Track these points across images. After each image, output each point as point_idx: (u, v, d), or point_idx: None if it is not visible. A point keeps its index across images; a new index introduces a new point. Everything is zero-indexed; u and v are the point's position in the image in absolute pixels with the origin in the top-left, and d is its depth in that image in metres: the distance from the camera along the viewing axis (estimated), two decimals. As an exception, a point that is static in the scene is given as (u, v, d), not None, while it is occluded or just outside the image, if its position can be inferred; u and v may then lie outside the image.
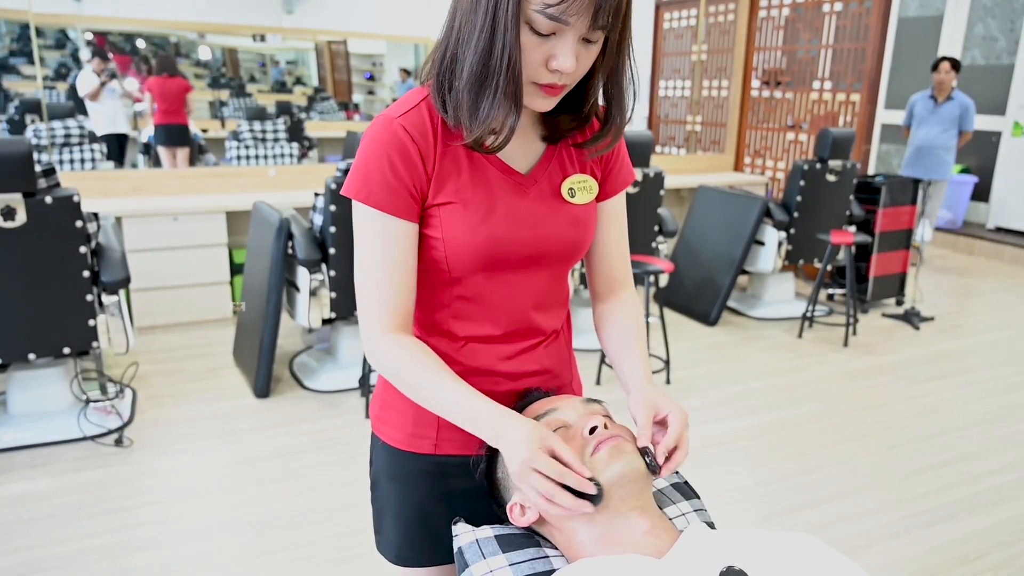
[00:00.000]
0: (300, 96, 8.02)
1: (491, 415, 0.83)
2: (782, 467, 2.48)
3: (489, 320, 0.94)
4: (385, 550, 1.05)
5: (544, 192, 0.92)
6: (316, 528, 2.07)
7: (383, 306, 0.88)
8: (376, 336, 0.88)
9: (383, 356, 0.88)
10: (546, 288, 0.96)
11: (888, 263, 4.25)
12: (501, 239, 0.88)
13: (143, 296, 3.55)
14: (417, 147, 0.85)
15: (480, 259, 0.89)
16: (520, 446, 0.79)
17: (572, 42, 0.77)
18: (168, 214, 3.50)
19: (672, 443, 0.85)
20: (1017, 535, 2.11)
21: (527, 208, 0.90)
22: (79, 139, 4.49)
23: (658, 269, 3.04)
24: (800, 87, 4.95)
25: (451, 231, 0.87)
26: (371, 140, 0.85)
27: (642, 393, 0.90)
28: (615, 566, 0.78)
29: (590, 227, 0.96)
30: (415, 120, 0.86)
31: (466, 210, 0.87)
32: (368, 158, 0.85)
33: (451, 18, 0.83)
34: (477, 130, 0.82)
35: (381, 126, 0.85)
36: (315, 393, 2.98)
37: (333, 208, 2.78)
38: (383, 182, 0.84)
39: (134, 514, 2.12)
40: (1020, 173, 6.00)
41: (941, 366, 3.43)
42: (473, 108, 0.81)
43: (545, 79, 0.80)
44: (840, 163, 3.95)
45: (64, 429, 2.52)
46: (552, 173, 0.93)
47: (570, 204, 0.93)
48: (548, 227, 0.91)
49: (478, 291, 0.92)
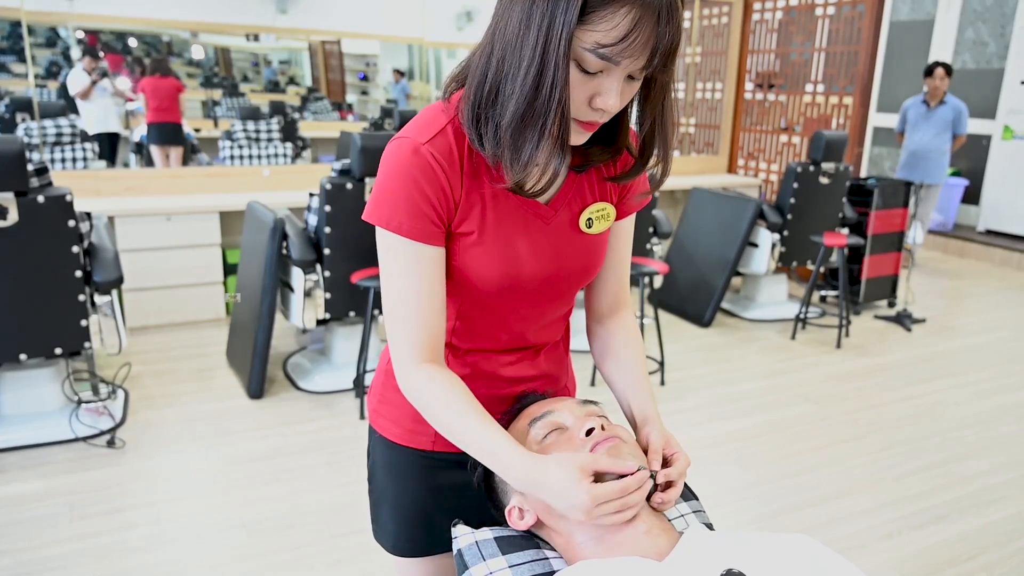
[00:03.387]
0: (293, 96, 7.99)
1: (523, 470, 0.79)
2: (775, 468, 2.48)
3: (491, 337, 0.94)
4: (382, 539, 1.05)
5: (563, 224, 0.89)
6: (310, 529, 2.06)
7: (415, 337, 0.85)
8: (408, 368, 0.86)
9: (415, 389, 0.86)
10: (552, 310, 0.96)
11: (880, 265, 4.27)
12: (517, 273, 0.87)
13: (136, 296, 3.53)
14: (446, 175, 0.81)
15: (493, 288, 0.88)
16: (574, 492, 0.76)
17: (619, 81, 0.74)
18: (161, 214, 3.48)
19: (674, 477, 0.85)
20: (1009, 535, 2.12)
21: (545, 241, 0.88)
22: (71, 138, 4.46)
23: (653, 271, 3.04)
24: (793, 90, 4.97)
25: (468, 263, 0.86)
26: (397, 166, 0.81)
27: (658, 427, 0.91)
28: (615, 568, 0.78)
29: (602, 254, 0.95)
30: (442, 146, 0.81)
31: (485, 245, 0.85)
32: (394, 184, 0.81)
33: (490, 45, 0.77)
34: (520, 172, 0.79)
35: (408, 152, 0.81)
36: (309, 394, 2.96)
37: (328, 208, 2.77)
38: (412, 210, 0.81)
39: (127, 515, 2.10)
40: (1010, 176, 6.05)
41: (933, 368, 3.45)
42: (515, 148, 0.77)
43: (587, 116, 0.77)
44: (833, 165, 3.97)
45: (56, 430, 2.50)
46: (572, 202, 0.90)
47: (586, 235, 0.91)
48: (563, 258, 0.90)
49: (484, 313, 0.92)
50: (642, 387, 0.96)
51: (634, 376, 0.97)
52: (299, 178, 4.15)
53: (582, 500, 0.75)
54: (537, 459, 0.79)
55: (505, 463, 0.80)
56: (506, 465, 0.80)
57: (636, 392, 0.95)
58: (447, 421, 0.84)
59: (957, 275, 5.34)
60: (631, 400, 0.96)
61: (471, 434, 0.82)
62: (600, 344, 1.02)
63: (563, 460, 0.78)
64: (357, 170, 2.77)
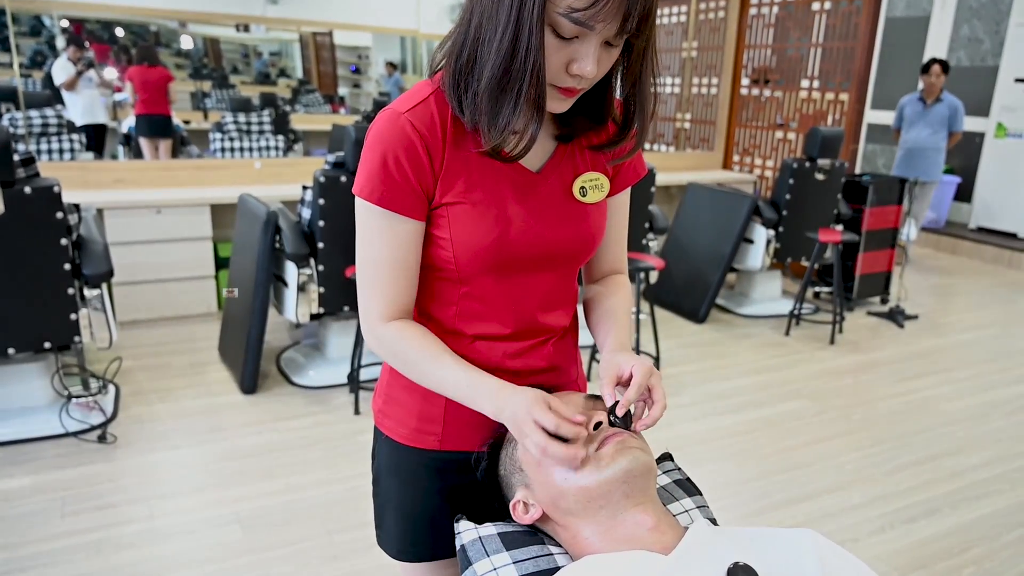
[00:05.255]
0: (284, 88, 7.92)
1: (492, 388, 0.84)
2: (769, 463, 2.49)
3: (497, 319, 0.92)
4: (386, 545, 1.03)
5: (555, 191, 0.89)
6: (305, 525, 2.04)
7: (385, 301, 0.88)
8: (376, 324, 0.88)
9: (382, 339, 0.88)
10: (555, 288, 0.95)
11: (874, 262, 4.29)
12: (511, 242, 0.86)
13: (126, 290, 3.48)
14: (425, 144, 0.82)
15: (489, 261, 0.87)
16: (520, 405, 0.80)
17: (595, 47, 0.75)
18: (151, 206, 3.44)
19: (634, 395, 0.83)
20: (999, 529, 2.15)
21: (537, 208, 0.88)
22: (57, 129, 4.39)
23: (649, 266, 3.03)
24: (789, 86, 4.97)
25: (459, 233, 0.85)
26: (376, 136, 0.83)
27: (606, 357, 0.89)
28: (621, 563, 0.77)
29: (602, 226, 0.94)
30: (423, 115, 0.83)
31: (475, 211, 0.85)
32: (373, 155, 0.83)
33: (468, 14, 0.79)
34: (496, 137, 0.80)
35: (387, 121, 0.82)
36: (303, 389, 2.94)
37: (322, 202, 2.74)
38: (388, 180, 0.82)
39: (119, 511, 2.07)
40: (1003, 174, 6.09)
41: (925, 364, 3.47)
42: (492, 113, 0.78)
43: (564, 82, 0.78)
44: (829, 162, 3.97)
45: (45, 425, 2.46)
46: (563, 171, 0.90)
47: (581, 203, 0.91)
48: (558, 227, 0.89)
49: (486, 291, 0.90)
50: (610, 322, 0.96)
51: (601, 313, 0.98)
52: (291, 171, 4.11)
53: (525, 406, 0.80)
54: (510, 385, 0.84)
55: (482, 391, 0.84)
56: (482, 394, 0.84)
57: (604, 327, 0.96)
58: (416, 360, 0.86)
59: (949, 272, 5.38)
60: (599, 336, 0.97)
61: (442, 369, 0.85)
62: (587, 299, 1.03)
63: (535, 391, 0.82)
64: (351, 163, 2.74)
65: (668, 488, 1.02)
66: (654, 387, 0.85)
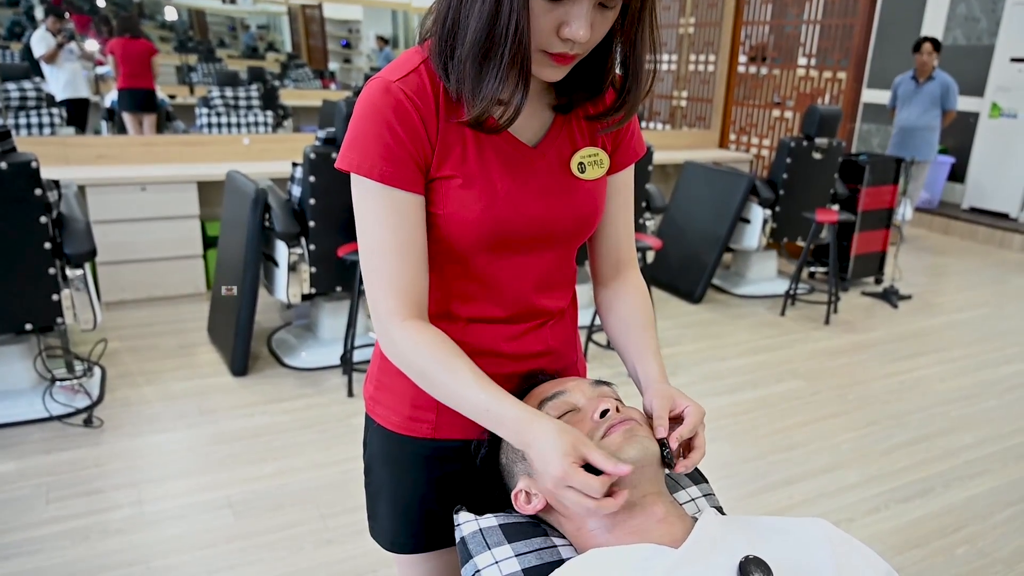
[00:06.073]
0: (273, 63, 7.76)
1: (515, 421, 0.76)
2: (765, 443, 2.49)
3: (492, 301, 0.88)
4: (379, 536, 1.00)
5: (552, 167, 0.85)
6: (298, 509, 2.01)
7: (397, 293, 0.80)
8: (391, 326, 0.81)
9: (397, 344, 0.81)
10: (553, 268, 0.90)
11: (869, 242, 4.28)
12: (507, 219, 0.82)
13: (110, 270, 3.41)
14: (419, 112, 0.77)
15: (484, 239, 0.82)
16: (552, 461, 0.72)
17: (587, 8, 0.70)
18: (135, 183, 3.35)
19: (687, 433, 0.80)
20: (992, 507, 2.16)
21: (534, 185, 0.83)
22: (36, 102, 4.26)
23: (647, 246, 3.00)
24: (786, 63, 4.91)
25: (454, 209, 0.80)
26: (368, 106, 0.78)
27: (658, 388, 0.85)
28: (629, 556, 0.75)
29: (600, 204, 0.90)
30: (415, 84, 0.78)
31: (470, 187, 0.80)
32: (365, 126, 0.77)
33: None
34: (480, 106, 0.75)
35: (378, 90, 0.77)
36: (295, 371, 2.90)
37: (312, 179, 2.67)
38: (385, 151, 0.77)
39: (106, 497, 2.03)
40: (996, 154, 6.07)
41: (918, 344, 3.48)
42: (476, 81, 0.74)
43: (556, 48, 0.73)
44: (826, 141, 3.93)
45: (28, 409, 2.41)
46: (561, 146, 0.86)
47: (580, 180, 0.86)
48: (556, 205, 0.85)
49: (481, 271, 0.86)
50: (643, 345, 0.91)
51: (632, 334, 0.92)
52: (281, 147, 4.02)
53: (557, 473, 0.71)
54: (532, 416, 0.76)
55: (504, 416, 0.76)
56: (504, 419, 0.76)
57: (638, 350, 0.91)
58: (436, 377, 0.79)
59: (941, 252, 5.39)
60: (634, 360, 0.91)
61: (461, 389, 0.78)
62: (604, 305, 0.98)
63: (560, 430, 0.74)
64: (343, 139, 2.66)
65: (674, 476, 1.00)
66: (697, 433, 0.82)
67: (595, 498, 0.72)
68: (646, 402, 0.86)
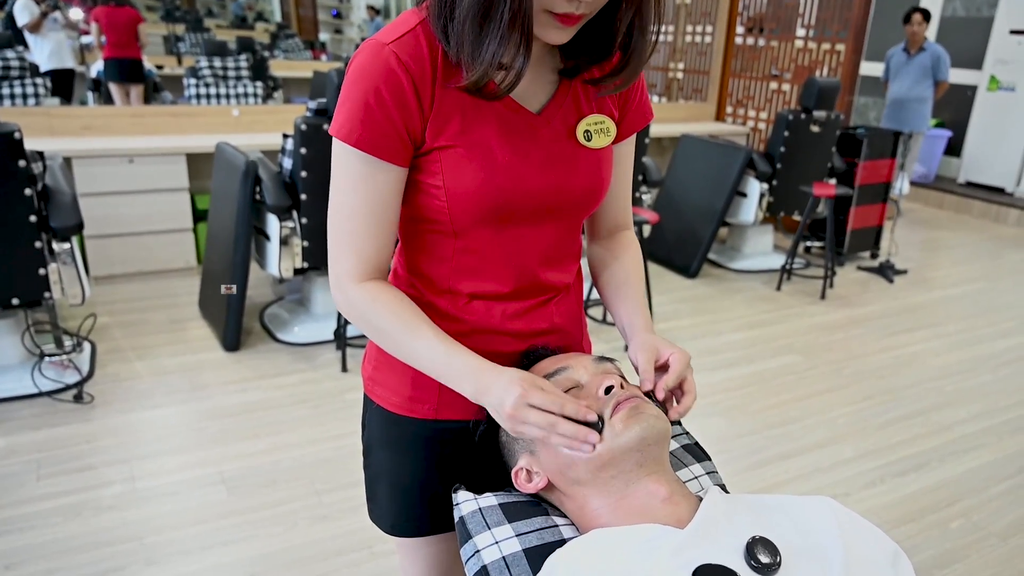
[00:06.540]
0: (262, 33, 7.59)
1: (473, 370, 0.76)
2: (760, 418, 2.49)
3: (495, 276, 0.85)
4: (379, 520, 0.97)
5: (558, 134, 0.82)
6: (293, 485, 2.00)
7: (358, 256, 0.80)
8: (348, 285, 0.80)
9: (353, 302, 0.80)
10: (558, 241, 0.87)
11: (866, 216, 4.26)
12: (510, 189, 0.79)
13: (99, 244, 3.35)
14: (412, 80, 0.74)
15: (487, 211, 0.79)
16: (509, 388, 0.73)
17: None
18: (123, 155, 3.27)
19: (673, 381, 0.80)
20: (986, 481, 2.17)
21: (539, 153, 0.80)
22: (19, 72, 4.15)
23: (643, 220, 2.97)
24: (784, 35, 4.83)
25: (454, 180, 0.77)
26: (357, 71, 0.74)
27: (642, 339, 0.85)
28: (634, 537, 0.73)
29: (607, 174, 0.87)
30: (410, 47, 0.74)
31: (471, 156, 0.77)
32: (353, 91, 0.74)
33: None
34: (479, 70, 0.71)
35: (370, 54, 0.74)
36: (288, 346, 2.87)
37: (304, 151, 2.61)
38: (366, 118, 0.74)
39: (98, 473, 2.01)
40: (994, 128, 6.03)
41: (914, 318, 3.48)
42: (475, 43, 0.70)
43: (561, 8, 0.69)
44: (824, 114, 3.89)
45: (17, 384, 2.38)
46: (567, 113, 0.82)
47: (586, 148, 0.83)
48: (561, 174, 0.82)
49: (484, 245, 0.83)
50: (630, 296, 0.91)
51: (618, 285, 0.93)
52: (271, 119, 3.94)
53: (516, 392, 0.72)
54: (490, 365, 0.76)
55: (461, 368, 0.76)
56: (462, 373, 0.76)
57: (621, 300, 0.91)
58: (390, 331, 0.79)
59: (937, 227, 5.38)
60: (617, 311, 0.92)
61: (417, 343, 0.78)
62: (596, 259, 0.98)
63: (519, 370, 0.75)
64: (334, 108, 2.60)
65: (676, 454, 0.98)
66: (686, 378, 0.82)
67: (555, 413, 0.72)
68: (631, 355, 0.86)
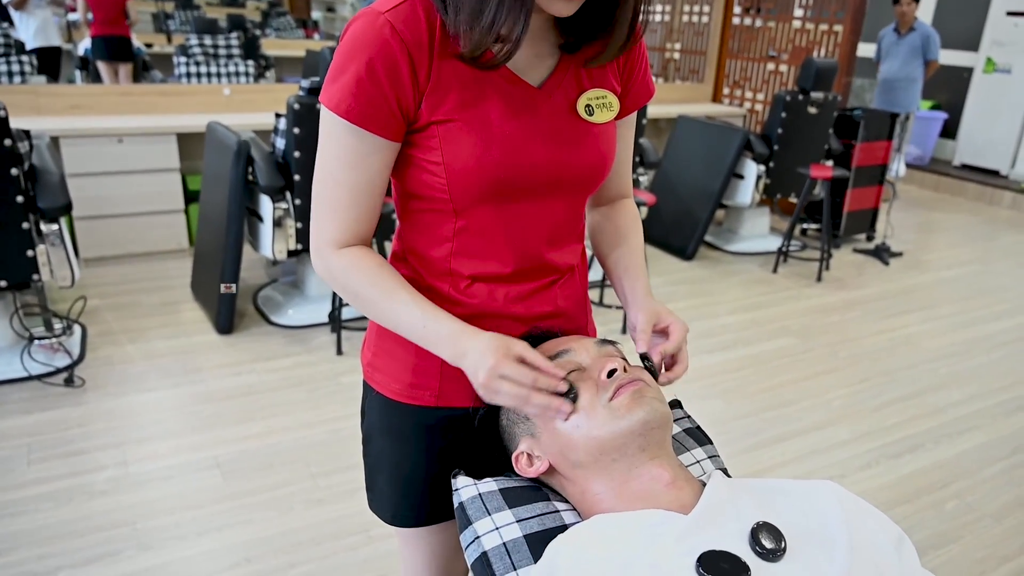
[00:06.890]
0: (253, 11, 7.45)
1: (452, 333, 0.75)
2: (757, 400, 2.49)
3: (497, 257, 0.83)
4: (379, 509, 0.96)
5: (559, 109, 0.79)
6: (288, 469, 1.98)
7: (340, 225, 0.79)
8: (327, 252, 0.80)
9: (332, 269, 0.80)
10: (561, 220, 0.85)
11: (862, 198, 4.24)
12: (511, 164, 0.76)
13: (88, 225, 3.30)
14: (407, 51, 0.71)
15: (487, 188, 0.77)
16: (485, 354, 0.72)
17: None
18: (112, 135, 3.21)
19: (672, 349, 0.82)
20: (980, 463, 2.19)
21: (539, 128, 0.78)
22: (4, 49, 4.05)
23: (641, 201, 2.94)
24: (782, 15, 4.77)
25: (453, 155, 0.75)
26: (351, 40, 0.72)
27: (644, 302, 0.86)
28: (638, 523, 0.72)
29: (611, 150, 0.85)
30: (407, 17, 0.71)
31: (470, 131, 0.74)
32: (345, 61, 0.72)
33: None
34: (476, 38, 0.69)
35: (364, 23, 0.71)
36: (282, 328, 2.84)
37: (297, 131, 2.57)
38: (357, 89, 0.71)
39: (90, 458, 1.99)
40: (989, 110, 6.01)
41: (909, 301, 3.49)
42: (475, 11, 0.68)
43: None
44: (822, 95, 3.85)
45: (6, 368, 2.35)
46: (568, 87, 0.80)
47: (588, 123, 0.81)
48: (564, 150, 0.80)
49: (485, 224, 0.80)
50: (630, 262, 0.92)
51: (620, 249, 0.93)
52: (263, 98, 3.88)
53: (488, 363, 0.71)
54: (471, 329, 0.76)
55: (440, 332, 0.76)
56: (440, 337, 0.76)
57: (624, 267, 0.92)
58: (371, 298, 0.79)
59: (932, 209, 5.38)
60: (621, 276, 0.92)
61: (397, 308, 0.78)
62: (596, 226, 0.98)
63: (497, 335, 0.75)
64: (327, 87, 2.55)
65: (678, 437, 0.98)
66: (681, 348, 0.83)
67: (527, 384, 0.72)
68: (631, 317, 0.87)
